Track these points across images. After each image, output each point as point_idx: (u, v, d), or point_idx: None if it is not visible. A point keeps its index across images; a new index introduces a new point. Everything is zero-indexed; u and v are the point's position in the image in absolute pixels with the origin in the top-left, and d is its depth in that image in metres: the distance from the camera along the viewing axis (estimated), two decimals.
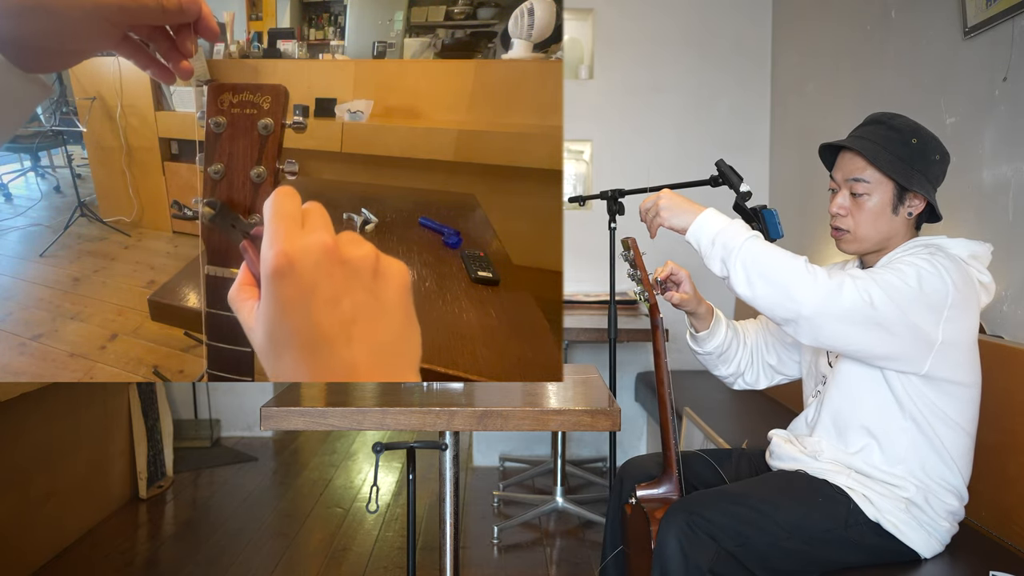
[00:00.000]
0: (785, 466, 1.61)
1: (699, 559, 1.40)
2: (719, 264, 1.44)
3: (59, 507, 2.70)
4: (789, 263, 1.39)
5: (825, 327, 1.38)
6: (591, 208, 3.68)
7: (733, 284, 1.43)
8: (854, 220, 1.54)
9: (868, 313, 1.36)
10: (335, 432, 4.37)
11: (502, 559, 2.73)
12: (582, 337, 2.88)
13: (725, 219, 1.48)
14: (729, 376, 1.79)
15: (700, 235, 1.48)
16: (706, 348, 1.75)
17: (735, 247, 1.42)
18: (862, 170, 1.52)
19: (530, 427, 1.45)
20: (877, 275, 1.40)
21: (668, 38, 3.80)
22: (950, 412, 1.48)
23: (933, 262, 1.42)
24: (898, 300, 1.38)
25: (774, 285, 1.38)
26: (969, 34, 2.12)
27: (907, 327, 1.39)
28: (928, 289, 1.39)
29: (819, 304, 1.36)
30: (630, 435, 3.84)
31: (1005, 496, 1.74)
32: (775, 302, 1.39)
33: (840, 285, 1.37)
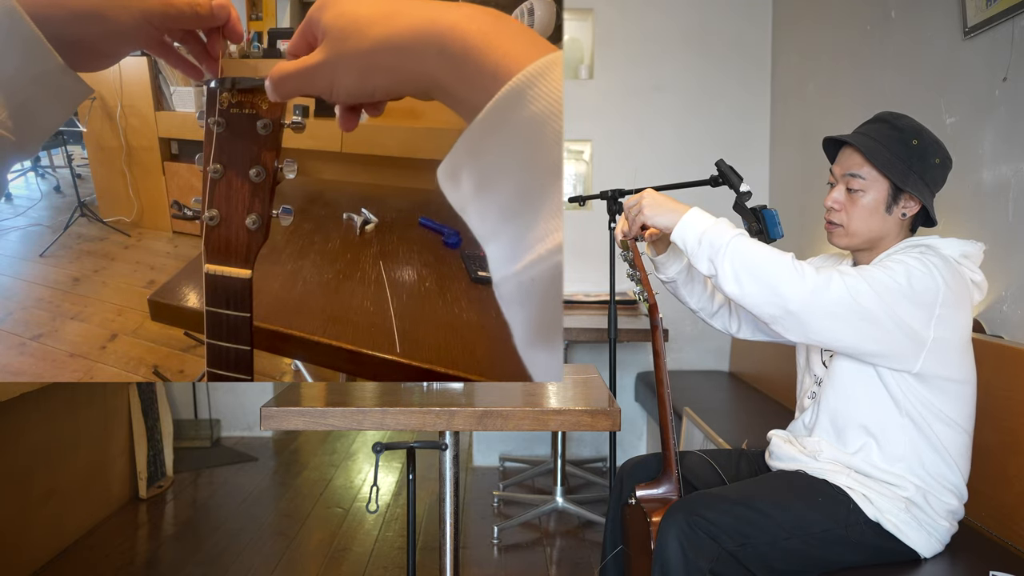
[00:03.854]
0: (785, 466, 1.62)
1: (699, 559, 1.40)
2: (706, 263, 1.44)
3: (59, 507, 2.70)
4: (776, 259, 1.39)
5: (812, 322, 1.38)
6: (591, 208, 3.69)
7: (720, 282, 1.43)
8: (847, 215, 1.54)
9: (855, 308, 1.36)
10: (335, 432, 4.37)
11: (502, 559, 2.73)
12: (582, 337, 2.88)
13: (710, 218, 1.48)
14: (701, 310, 1.80)
15: (686, 234, 1.48)
16: (668, 274, 1.75)
17: (722, 245, 1.42)
18: (859, 166, 1.52)
19: (530, 427, 1.45)
20: (866, 272, 1.41)
21: (668, 38, 3.80)
22: (946, 409, 1.48)
23: (924, 260, 1.42)
24: (886, 297, 1.38)
25: (761, 282, 1.38)
26: (969, 34, 2.12)
27: (896, 323, 1.39)
28: (919, 287, 1.39)
29: (806, 299, 1.36)
30: (630, 435, 3.84)
31: (1005, 496, 1.74)
32: (763, 299, 1.39)
33: (828, 280, 1.37)
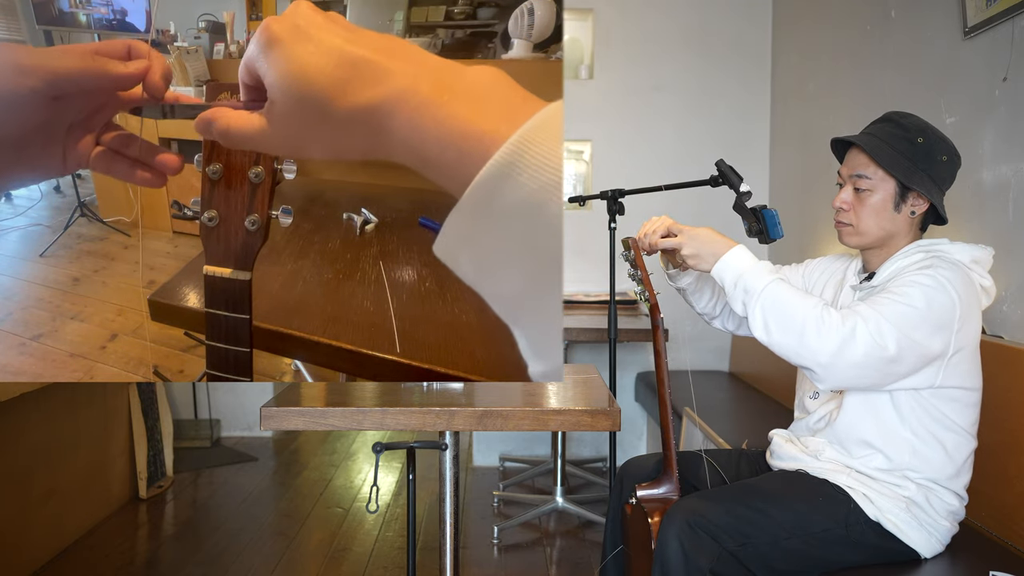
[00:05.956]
0: (786, 466, 1.61)
1: (700, 559, 1.40)
2: (740, 305, 1.47)
3: (59, 507, 2.70)
4: (804, 312, 1.40)
5: (839, 374, 1.40)
6: (591, 208, 3.68)
7: (751, 327, 1.46)
8: (856, 215, 1.55)
9: (881, 355, 1.38)
10: (335, 432, 4.37)
11: (502, 559, 2.73)
12: (582, 337, 2.88)
13: (749, 260, 1.49)
14: (704, 314, 1.83)
15: (724, 275, 1.50)
16: (681, 283, 1.77)
17: (756, 292, 1.44)
18: (865, 166, 1.53)
19: (530, 427, 1.45)
20: (885, 307, 1.40)
21: (668, 38, 3.80)
22: (954, 417, 1.49)
23: (936, 276, 1.42)
24: (910, 331, 1.39)
25: (789, 334, 1.40)
26: (969, 34, 2.12)
27: (919, 355, 1.41)
28: (936, 307, 1.40)
29: (833, 354, 1.38)
30: (630, 435, 3.84)
31: (1005, 496, 1.73)
32: (791, 351, 1.42)
33: (852, 332, 1.37)
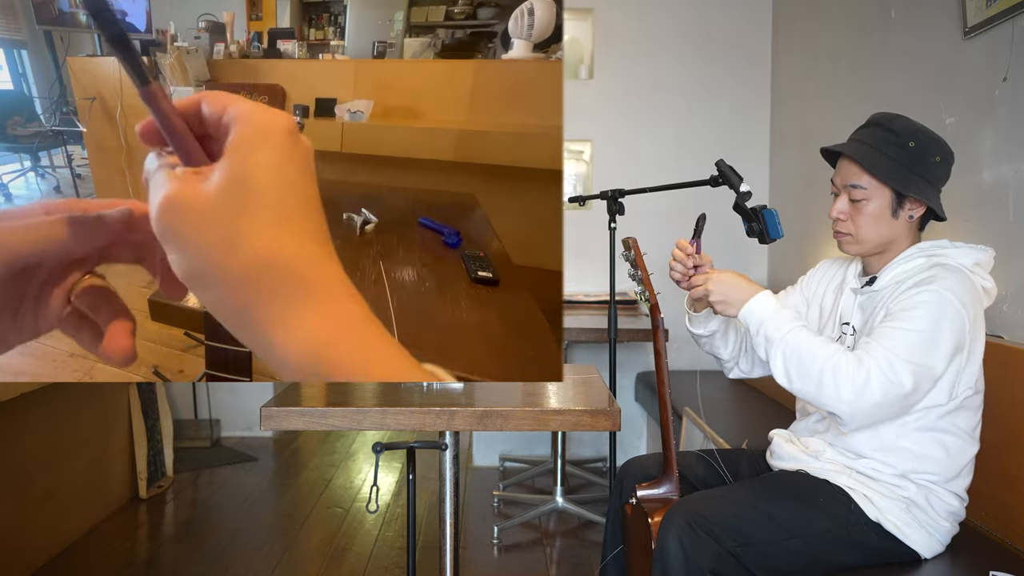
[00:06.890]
0: (786, 466, 1.61)
1: (700, 559, 1.40)
2: (763, 351, 1.49)
3: (59, 507, 2.70)
4: (821, 362, 1.40)
5: (864, 417, 1.42)
6: (591, 208, 3.68)
7: (774, 374, 1.48)
8: (854, 224, 1.53)
9: (897, 393, 1.39)
10: (335, 432, 4.37)
11: (502, 559, 2.73)
12: (582, 337, 2.88)
13: (772, 307, 1.50)
14: (728, 361, 1.79)
15: (748, 319, 1.52)
16: (704, 330, 1.73)
17: (776, 340, 1.46)
18: (859, 176, 1.51)
19: (530, 427, 1.45)
20: (892, 341, 1.40)
21: (668, 38, 3.80)
22: (957, 421, 1.49)
23: (940, 292, 1.42)
24: (923, 359, 1.39)
25: (809, 383, 1.42)
26: (969, 34, 2.12)
27: (933, 379, 1.42)
28: (944, 325, 1.41)
29: (852, 402, 1.39)
30: (630, 435, 3.84)
31: (1005, 496, 1.73)
32: (812, 398, 1.44)
33: (867, 377, 1.38)
